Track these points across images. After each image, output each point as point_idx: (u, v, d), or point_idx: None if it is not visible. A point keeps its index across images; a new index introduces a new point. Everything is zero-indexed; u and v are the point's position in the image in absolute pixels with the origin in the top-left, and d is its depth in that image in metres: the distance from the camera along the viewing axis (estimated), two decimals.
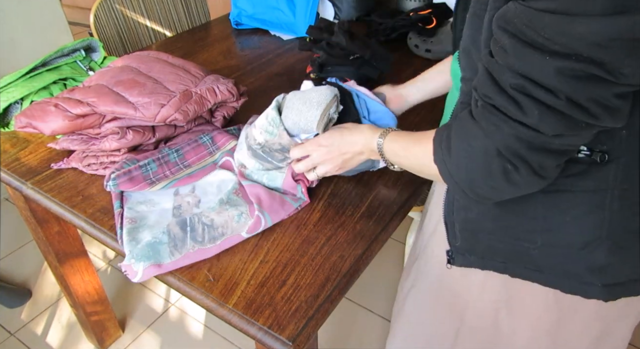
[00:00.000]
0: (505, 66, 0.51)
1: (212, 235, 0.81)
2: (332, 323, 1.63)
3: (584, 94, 0.48)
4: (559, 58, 0.47)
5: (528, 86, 0.50)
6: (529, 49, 0.49)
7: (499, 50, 0.52)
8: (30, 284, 1.76)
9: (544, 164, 0.56)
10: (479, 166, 0.58)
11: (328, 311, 0.73)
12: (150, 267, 0.77)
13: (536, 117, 0.51)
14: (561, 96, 0.49)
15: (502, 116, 0.54)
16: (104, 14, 1.54)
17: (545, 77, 0.49)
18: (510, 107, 0.52)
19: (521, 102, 0.51)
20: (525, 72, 0.50)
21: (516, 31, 0.49)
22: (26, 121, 0.94)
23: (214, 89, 1.05)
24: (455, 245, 0.75)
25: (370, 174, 0.97)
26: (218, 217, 0.84)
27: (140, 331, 1.61)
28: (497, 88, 0.53)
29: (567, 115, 0.50)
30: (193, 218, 0.84)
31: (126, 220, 0.85)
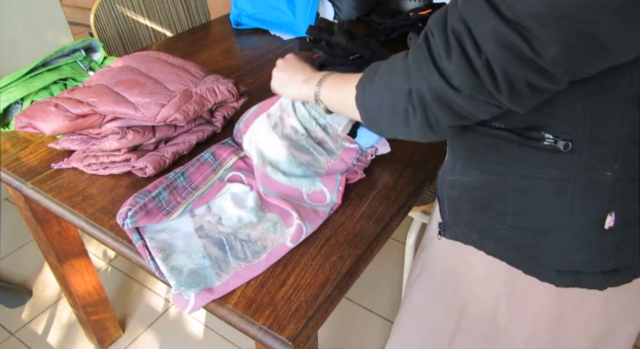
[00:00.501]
0: (458, 9, 0.52)
1: (253, 250, 0.80)
2: (332, 323, 1.63)
3: (501, 64, 0.49)
4: (498, 19, 0.48)
5: (464, 35, 0.51)
6: (481, 1, 0.49)
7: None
8: (30, 284, 1.76)
9: (439, 119, 0.59)
10: (389, 100, 0.62)
11: (328, 311, 0.73)
12: (202, 293, 0.73)
13: (454, 65, 0.52)
14: (482, 57, 0.50)
15: (429, 57, 0.55)
16: (104, 14, 1.54)
17: (479, 33, 0.50)
18: (441, 47, 0.53)
19: (452, 47, 0.52)
20: (468, 21, 0.51)
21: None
22: (26, 120, 0.94)
23: (214, 89, 1.05)
24: (445, 219, 0.79)
25: (370, 174, 0.97)
26: (253, 232, 0.82)
27: (140, 331, 1.61)
28: (442, 27, 0.54)
29: (479, 76, 0.51)
30: (229, 237, 0.81)
31: (154, 250, 0.80)
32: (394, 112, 0.62)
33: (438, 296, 0.86)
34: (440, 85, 0.55)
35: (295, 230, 0.81)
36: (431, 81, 0.55)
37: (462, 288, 0.81)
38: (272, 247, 0.80)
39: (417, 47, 0.58)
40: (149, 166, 0.95)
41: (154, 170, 0.95)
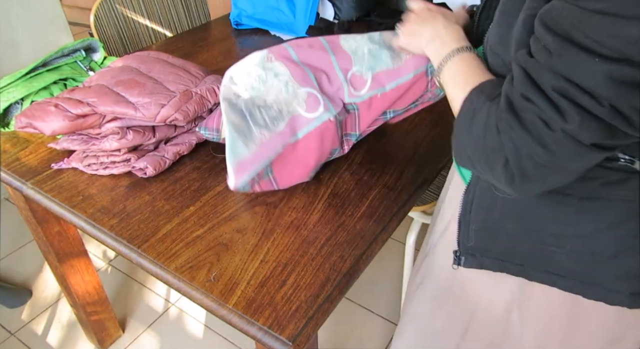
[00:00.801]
0: (546, 67, 0.49)
1: (270, 115, 0.81)
2: (332, 323, 1.63)
3: (629, 101, 0.46)
4: (609, 62, 0.45)
5: (571, 90, 0.47)
6: (575, 50, 0.46)
7: (541, 50, 0.49)
8: (30, 284, 1.76)
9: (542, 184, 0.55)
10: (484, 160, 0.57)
11: (328, 311, 0.73)
12: (238, 166, 0.79)
13: (577, 123, 0.48)
14: (604, 103, 0.46)
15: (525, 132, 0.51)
16: (104, 14, 1.54)
17: (590, 81, 0.46)
18: (549, 110, 0.49)
19: (562, 106, 0.48)
20: (569, 75, 0.47)
21: (562, 31, 0.47)
22: (26, 121, 0.94)
23: (214, 89, 1.05)
24: (467, 245, 0.73)
25: (370, 174, 0.97)
26: (267, 96, 0.83)
27: (140, 331, 1.61)
28: (536, 89, 0.50)
29: (608, 123, 0.47)
30: (247, 104, 0.83)
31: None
32: (490, 172, 0.57)
33: (442, 305, 0.84)
34: (545, 158, 0.51)
35: (309, 99, 0.82)
36: (534, 156, 0.51)
37: (469, 296, 0.79)
38: (290, 116, 0.82)
39: (504, 124, 0.53)
40: (149, 166, 0.95)
41: (154, 170, 0.95)
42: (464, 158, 0.61)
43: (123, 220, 0.88)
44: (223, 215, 0.88)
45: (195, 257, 0.80)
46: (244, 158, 0.81)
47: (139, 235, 0.85)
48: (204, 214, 0.88)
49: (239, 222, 0.87)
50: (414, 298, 0.91)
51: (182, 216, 0.88)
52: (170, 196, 0.93)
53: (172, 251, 0.81)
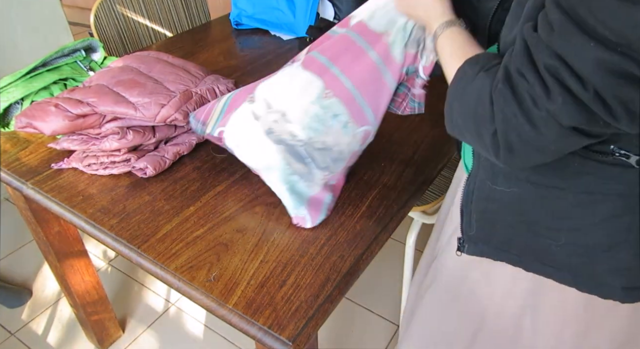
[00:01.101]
0: (546, 44, 0.49)
1: (332, 157, 0.83)
2: (332, 323, 1.63)
3: (613, 91, 0.46)
4: (603, 47, 0.44)
5: (561, 70, 0.47)
6: (576, 31, 0.46)
7: (545, 25, 0.49)
8: (30, 284, 1.76)
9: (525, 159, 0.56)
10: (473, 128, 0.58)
11: (328, 311, 0.73)
12: (311, 205, 0.83)
13: (559, 104, 0.48)
14: (589, 88, 0.47)
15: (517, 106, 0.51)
16: (104, 14, 1.54)
17: (581, 65, 0.46)
18: (537, 87, 0.49)
19: (549, 85, 0.49)
20: (564, 55, 0.47)
21: (569, 8, 0.46)
22: (26, 121, 0.94)
23: (214, 89, 1.05)
24: (469, 234, 0.74)
25: (370, 174, 0.97)
26: (327, 137, 0.82)
27: (140, 331, 1.61)
28: (531, 65, 0.50)
29: (589, 109, 0.48)
30: (307, 148, 0.83)
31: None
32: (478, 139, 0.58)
33: (453, 307, 0.84)
34: (531, 134, 0.51)
35: (363, 135, 0.83)
36: (520, 131, 0.52)
37: (481, 299, 0.78)
38: (350, 154, 0.83)
39: (499, 94, 0.53)
40: (149, 166, 0.95)
41: (154, 170, 0.95)
42: (454, 125, 0.63)
43: (123, 220, 0.88)
44: (223, 215, 0.88)
45: (195, 258, 0.80)
46: (312, 196, 0.85)
47: (139, 235, 0.85)
48: (204, 214, 0.88)
49: (239, 222, 0.87)
50: (423, 299, 0.91)
51: (182, 216, 0.88)
52: (170, 196, 0.93)
53: (172, 251, 0.81)
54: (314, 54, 0.85)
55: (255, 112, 0.85)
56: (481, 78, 0.57)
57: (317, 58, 0.84)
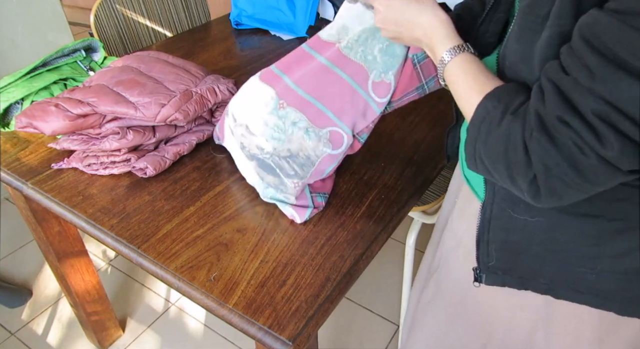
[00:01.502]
0: (587, 89, 0.46)
1: (299, 163, 0.84)
2: (332, 323, 1.63)
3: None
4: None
5: (613, 115, 0.45)
6: (621, 73, 0.44)
7: (581, 68, 0.47)
8: (30, 284, 1.76)
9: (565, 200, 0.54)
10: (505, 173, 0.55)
11: (328, 311, 0.73)
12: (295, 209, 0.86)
13: (616, 150, 0.46)
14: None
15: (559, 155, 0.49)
16: (104, 14, 1.54)
17: (635, 108, 0.44)
18: (587, 135, 0.47)
19: (601, 131, 0.46)
20: (612, 99, 0.45)
21: (606, 50, 0.44)
22: (27, 121, 0.94)
23: (214, 89, 1.05)
24: (488, 264, 0.71)
25: (370, 174, 0.97)
26: (290, 145, 0.84)
27: (140, 331, 1.61)
28: (574, 111, 0.47)
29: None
30: (274, 159, 0.86)
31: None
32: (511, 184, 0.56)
33: (458, 320, 0.82)
34: (577, 181, 0.50)
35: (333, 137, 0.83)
36: (565, 179, 0.50)
37: (487, 313, 0.77)
38: (319, 159, 0.85)
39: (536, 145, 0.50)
40: (149, 166, 0.95)
41: (154, 170, 0.95)
42: (479, 166, 0.59)
43: (123, 220, 0.88)
44: (223, 215, 0.88)
45: (195, 257, 0.80)
46: (294, 205, 0.87)
47: (139, 235, 0.85)
48: (204, 214, 0.88)
49: (239, 222, 0.87)
50: (426, 314, 0.89)
51: (182, 216, 0.88)
52: (170, 196, 0.93)
53: (172, 251, 0.81)
54: (271, 67, 0.88)
55: (230, 126, 0.92)
56: (509, 122, 0.54)
57: (272, 70, 0.88)
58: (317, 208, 0.88)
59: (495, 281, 0.71)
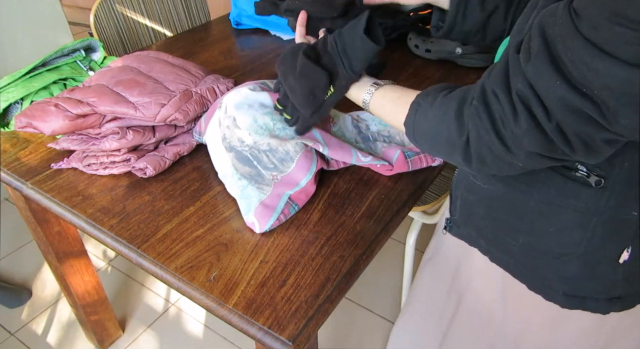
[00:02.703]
0: (522, 70, 0.50)
1: (278, 157, 0.86)
2: (332, 323, 1.63)
3: (573, 127, 0.49)
4: (567, 86, 0.47)
5: (532, 99, 0.50)
6: (549, 65, 0.48)
7: (525, 50, 0.51)
8: (30, 284, 1.76)
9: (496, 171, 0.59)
10: (443, 148, 0.61)
11: (328, 311, 0.73)
12: (258, 212, 0.83)
13: (524, 130, 0.51)
14: (553, 120, 0.49)
15: (490, 125, 0.54)
16: (104, 14, 1.54)
17: (548, 98, 0.48)
18: (507, 111, 0.52)
19: (519, 111, 0.51)
20: (535, 85, 0.49)
21: (550, 40, 0.48)
22: (26, 120, 0.94)
23: (214, 89, 1.05)
24: (454, 217, 0.80)
25: (370, 174, 0.97)
26: (271, 140, 0.87)
27: (140, 331, 1.61)
28: (506, 89, 0.52)
29: (550, 138, 0.50)
30: (252, 152, 0.87)
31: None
32: (449, 157, 0.62)
33: (442, 282, 0.89)
34: (501, 152, 0.54)
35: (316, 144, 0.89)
36: (492, 148, 0.55)
37: (463, 277, 0.83)
38: (297, 154, 0.86)
39: (473, 111, 0.56)
40: (149, 166, 0.95)
41: (154, 170, 0.95)
42: (424, 149, 0.68)
43: (123, 220, 0.88)
44: (223, 215, 0.88)
45: (195, 257, 0.80)
46: (262, 202, 0.84)
47: (139, 235, 0.85)
48: (204, 214, 0.88)
49: (239, 222, 0.86)
50: (423, 271, 0.96)
51: (182, 216, 0.88)
52: (170, 196, 0.93)
53: (172, 251, 0.81)
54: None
55: (220, 118, 0.94)
56: (440, 104, 0.61)
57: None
58: (284, 216, 0.85)
59: (456, 232, 0.80)
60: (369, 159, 0.92)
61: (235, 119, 0.90)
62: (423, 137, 0.64)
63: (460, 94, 0.59)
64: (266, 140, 0.88)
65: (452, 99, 0.59)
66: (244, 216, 0.85)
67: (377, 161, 0.93)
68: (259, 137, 0.88)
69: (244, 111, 0.91)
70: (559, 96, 0.47)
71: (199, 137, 1.03)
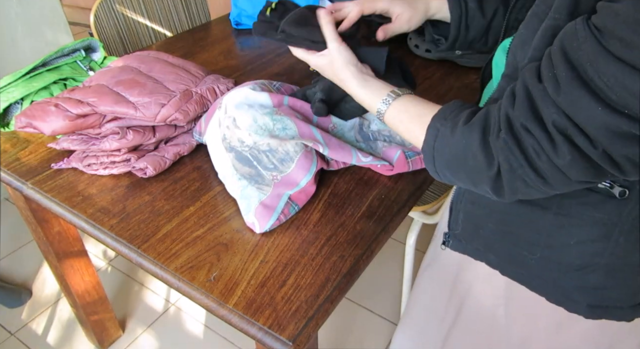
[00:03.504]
0: (552, 99, 0.48)
1: (278, 158, 0.86)
2: (332, 323, 1.63)
3: (620, 150, 0.47)
4: (610, 112, 0.45)
5: (569, 128, 0.48)
6: (584, 91, 0.46)
7: (551, 78, 0.48)
8: (30, 284, 1.76)
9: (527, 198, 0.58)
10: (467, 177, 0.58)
11: (328, 311, 0.73)
12: (259, 211, 0.82)
13: (567, 161, 0.49)
14: (598, 147, 0.47)
15: (523, 158, 0.51)
16: (104, 14, 1.54)
17: (589, 126, 0.46)
18: (545, 143, 0.50)
19: (558, 142, 0.49)
20: (572, 115, 0.47)
21: (577, 64, 0.46)
22: (26, 120, 0.94)
23: (214, 89, 1.05)
24: (455, 232, 0.77)
25: (370, 174, 0.97)
26: (271, 140, 0.87)
27: (140, 331, 1.61)
28: (537, 120, 0.50)
29: (597, 165, 0.48)
30: (252, 152, 0.87)
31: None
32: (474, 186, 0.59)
33: (442, 287, 0.88)
34: (538, 184, 0.52)
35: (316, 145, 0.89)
36: (527, 180, 0.53)
37: (464, 283, 0.82)
38: (297, 155, 0.86)
39: (503, 145, 0.53)
40: (149, 166, 0.95)
41: (154, 171, 0.95)
42: (442, 178, 0.63)
43: (123, 220, 0.88)
44: (223, 215, 0.88)
45: (195, 257, 0.80)
46: (262, 202, 0.84)
47: (139, 235, 0.85)
48: (204, 214, 0.88)
49: (239, 222, 0.86)
50: (423, 276, 0.95)
51: (182, 216, 0.88)
52: (170, 196, 0.93)
53: (172, 251, 0.81)
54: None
55: (220, 118, 0.94)
56: (462, 132, 0.57)
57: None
58: (284, 216, 0.85)
59: (457, 247, 0.77)
60: (369, 159, 0.92)
61: (235, 120, 0.90)
62: (444, 164, 0.61)
63: (481, 122, 0.56)
64: (266, 140, 0.88)
65: (473, 128, 0.56)
66: (244, 216, 0.85)
67: (378, 161, 0.93)
68: (258, 138, 0.88)
69: (243, 111, 0.91)
70: (602, 123, 0.45)
71: (199, 137, 1.02)
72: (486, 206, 0.70)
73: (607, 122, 0.45)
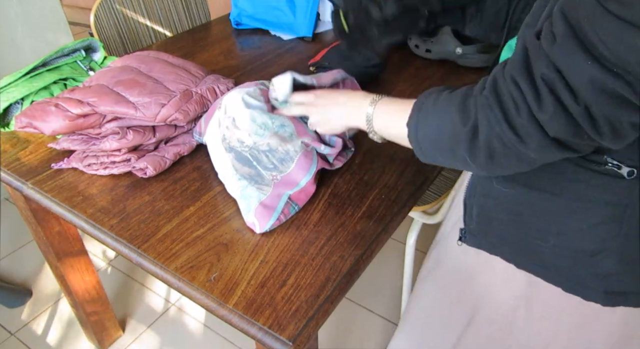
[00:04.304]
0: (546, 53, 0.49)
1: (278, 157, 0.86)
2: (332, 323, 1.63)
3: (602, 109, 0.48)
4: (599, 66, 0.46)
5: (558, 82, 0.48)
6: (577, 46, 0.46)
7: (548, 34, 0.49)
8: (30, 284, 1.76)
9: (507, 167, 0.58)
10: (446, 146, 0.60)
11: (328, 311, 0.73)
12: (259, 211, 0.83)
13: (549, 115, 0.50)
14: (580, 103, 0.48)
15: (500, 113, 0.53)
16: (104, 14, 1.54)
17: (576, 80, 0.47)
18: (530, 95, 0.51)
19: (543, 94, 0.50)
20: (561, 68, 0.48)
21: (575, 22, 0.47)
22: (27, 120, 0.94)
23: (214, 89, 1.05)
24: (470, 226, 0.77)
25: (370, 174, 0.97)
26: (271, 140, 0.88)
27: (140, 331, 1.61)
28: (527, 72, 0.51)
29: (577, 122, 0.49)
30: (252, 152, 0.87)
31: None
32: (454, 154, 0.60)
33: (450, 292, 0.86)
34: (514, 142, 0.53)
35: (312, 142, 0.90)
36: (503, 138, 0.54)
37: (478, 286, 0.80)
38: (297, 154, 0.87)
39: (484, 101, 0.55)
40: (149, 166, 0.95)
41: (154, 171, 0.95)
42: (426, 155, 0.66)
43: (123, 220, 0.88)
44: (223, 215, 0.88)
45: (195, 257, 0.80)
46: (262, 202, 0.84)
47: (139, 235, 0.85)
48: (204, 214, 0.88)
49: (239, 222, 0.86)
50: (424, 284, 0.93)
51: (182, 216, 0.88)
52: (170, 196, 0.93)
53: (172, 251, 0.81)
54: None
55: (220, 118, 0.94)
56: (444, 99, 0.60)
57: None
58: (284, 216, 0.85)
59: (473, 242, 0.77)
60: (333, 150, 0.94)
61: (234, 120, 0.90)
62: (425, 135, 0.63)
63: (463, 90, 0.59)
64: (266, 140, 0.88)
65: (455, 95, 0.59)
66: (244, 216, 0.85)
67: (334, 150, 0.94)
68: (258, 138, 0.88)
69: (243, 111, 0.91)
70: (590, 77, 0.46)
71: (199, 137, 1.02)
72: (497, 197, 0.70)
73: (594, 78, 0.46)
